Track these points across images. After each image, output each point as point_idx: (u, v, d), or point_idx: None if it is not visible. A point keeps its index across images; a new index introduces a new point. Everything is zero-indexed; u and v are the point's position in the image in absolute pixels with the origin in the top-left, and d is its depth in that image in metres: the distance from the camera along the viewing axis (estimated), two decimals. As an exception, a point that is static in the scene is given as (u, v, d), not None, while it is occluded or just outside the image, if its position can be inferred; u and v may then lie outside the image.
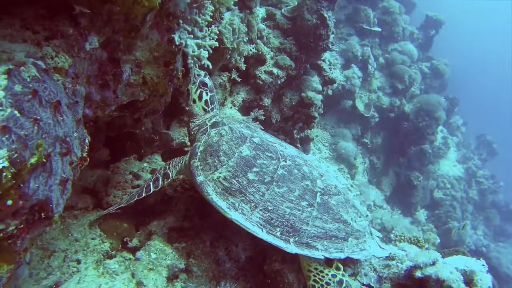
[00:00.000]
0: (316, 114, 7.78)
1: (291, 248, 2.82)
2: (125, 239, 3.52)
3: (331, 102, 10.36)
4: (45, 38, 1.74)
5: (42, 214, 1.50)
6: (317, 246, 2.88)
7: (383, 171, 12.20)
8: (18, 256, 1.47)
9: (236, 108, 6.04)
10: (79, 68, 1.89)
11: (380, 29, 11.92)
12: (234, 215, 2.88)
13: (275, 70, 6.42)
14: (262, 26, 6.54)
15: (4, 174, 1.26)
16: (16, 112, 1.33)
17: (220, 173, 3.03)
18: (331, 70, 7.91)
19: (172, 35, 2.39)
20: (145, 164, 4.50)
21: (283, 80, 6.61)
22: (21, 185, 1.37)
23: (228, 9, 3.81)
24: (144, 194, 3.34)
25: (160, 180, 3.36)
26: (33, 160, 1.35)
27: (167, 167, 3.43)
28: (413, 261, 3.50)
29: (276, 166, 3.12)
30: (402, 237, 4.50)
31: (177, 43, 2.40)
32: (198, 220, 3.96)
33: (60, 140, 1.53)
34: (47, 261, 3.00)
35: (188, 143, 5.16)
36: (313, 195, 3.09)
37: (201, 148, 3.22)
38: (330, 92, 9.10)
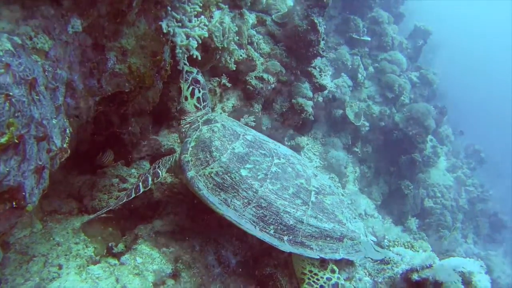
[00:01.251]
0: (306, 121, 7.73)
1: (285, 246, 2.72)
2: (110, 244, 3.37)
3: (322, 111, 10.32)
4: (23, 17, 1.63)
5: (14, 203, 1.37)
6: (311, 246, 2.79)
7: (374, 180, 12.15)
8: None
9: (226, 114, 5.95)
10: (61, 51, 1.78)
11: (369, 39, 12.00)
12: (226, 211, 2.80)
13: (265, 76, 6.35)
14: (252, 31, 6.51)
15: (-31, 151, 1.13)
16: (-15, 85, 1.21)
17: (212, 168, 2.92)
18: (321, 76, 7.88)
19: (160, 23, 2.30)
20: (132, 170, 4.36)
21: (273, 86, 6.55)
22: (-10, 168, 1.24)
23: (218, 8, 3.75)
24: (133, 195, 3.22)
25: (150, 179, 3.23)
26: (3, 140, 1.23)
27: (157, 166, 3.32)
28: (409, 264, 3.41)
29: (269, 164, 3.03)
30: (396, 242, 4.40)
31: (164, 31, 2.31)
32: (187, 224, 3.83)
33: (35, 123, 1.41)
34: (25, 266, 2.83)
35: (178, 150, 5.04)
36: (307, 194, 3.00)
37: (192, 144, 3.12)
38: (320, 99, 9.07)
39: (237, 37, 5.62)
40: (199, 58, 2.75)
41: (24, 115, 1.32)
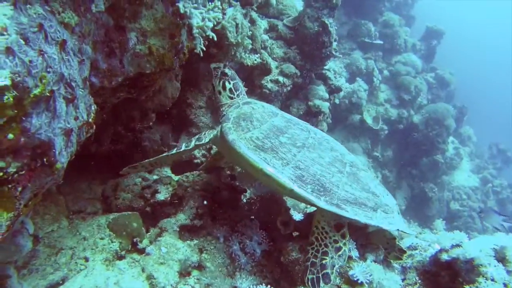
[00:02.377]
0: (324, 124, 7.72)
1: (321, 203, 2.78)
2: (135, 239, 3.39)
3: (339, 117, 10.30)
4: (51, -4, 1.71)
5: (45, 159, 1.42)
6: (347, 209, 2.82)
7: (396, 184, 11.94)
8: (18, 203, 1.37)
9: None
10: (86, 28, 1.86)
11: (381, 42, 12.02)
12: (266, 166, 2.85)
13: (280, 79, 6.41)
14: (265, 37, 6.60)
15: (6, 97, 1.18)
16: (21, 40, 1.27)
17: (252, 133, 3.04)
18: (336, 78, 7.90)
19: (177, 4, 2.37)
20: (154, 177, 4.40)
21: (289, 88, 6.59)
22: (23, 119, 1.29)
23: (230, 5, 3.84)
24: (174, 151, 3.43)
25: (193, 141, 3.40)
26: (36, 91, 1.28)
27: (203, 133, 3.49)
28: (437, 244, 3.31)
29: (306, 136, 3.16)
30: (423, 231, 4.29)
31: (181, 11, 2.38)
32: (210, 219, 3.83)
33: (65, 82, 1.47)
34: (54, 258, 2.89)
35: (198, 155, 5.10)
36: (342, 164, 3.10)
37: (234, 115, 3.26)
38: (337, 101, 9.07)
39: (251, 42, 5.73)
40: (215, 39, 2.82)
41: (55, 72, 1.38)
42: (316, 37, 6.77)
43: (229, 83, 3.61)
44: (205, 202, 3.74)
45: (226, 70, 3.61)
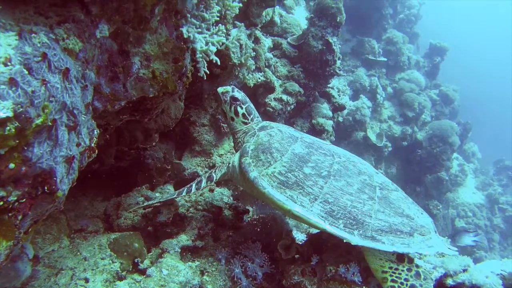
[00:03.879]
0: (328, 142, 7.70)
1: (356, 240, 2.65)
2: (136, 260, 3.37)
3: (343, 134, 10.29)
4: (57, 23, 1.74)
5: (46, 188, 1.41)
6: (382, 240, 2.69)
7: (401, 202, 11.83)
8: (18, 232, 1.36)
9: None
10: (89, 53, 1.88)
11: (385, 59, 12.07)
12: (294, 207, 2.74)
13: (284, 97, 6.44)
14: (269, 55, 6.66)
15: (8, 128, 1.19)
16: (24, 70, 1.29)
17: (274, 168, 2.93)
18: (340, 96, 7.92)
19: (181, 29, 2.40)
20: (157, 194, 4.40)
21: (292, 106, 6.61)
22: (25, 148, 1.30)
23: (235, 26, 3.88)
24: (184, 193, 3.38)
25: (204, 181, 3.34)
26: (38, 121, 1.29)
27: (212, 171, 3.40)
28: (442, 269, 3.25)
29: (331, 162, 3.01)
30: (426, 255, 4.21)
31: (185, 36, 2.40)
32: (212, 240, 3.81)
33: (67, 110, 1.48)
34: (54, 278, 2.86)
35: (201, 173, 5.09)
36: (372, 189, 2.93)
37: (251, 147, 3.14)
38: (340, 119, 9.07)
39: (254, 60, 5.78)
40: (218, 63, 2.84)
41: (57, 101, 1.39)
42: (320, 56, 6.83)
43: (241, 108, 3.47)
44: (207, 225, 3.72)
45: (236, 94, 3.46)
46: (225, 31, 2.77)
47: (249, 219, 4.06)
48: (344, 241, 2.68)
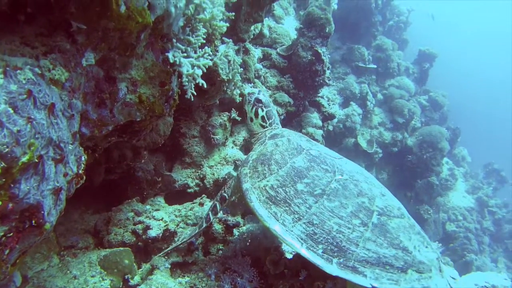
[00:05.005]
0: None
1: (331, 268, 2.45)
2: (126, 277, 3.40)
3: (333, 141, 10.37)
4: (43, 53, 1.78)
5: (33, 221, 1.45)
6: (365, 273, 2.44)
7: (392, 207, 11.93)
8: (5, 267, 1.39)
9: (238, 147, 6.04)
10: (76, 82, 1.91)
11: (375, 66, 12.21)
12: (273, 225, 2.64)
13: (274, 107, 6.49)
14: (259, 66, 6.72)
15: (-6, 168, 1.22)
16: (10, 109, 1.32)
17: (267, 181, 2.85)
18: (330, 105, 8.00)
19: (166, 54, 2.45)
20: (147, 207, 4.42)
21: (282, 117, 6.67)
22: (12, 185, 1.33)
23: (223, 42, 3.93)
24: (205, 225, 3.29)
25: (218, 205, 3.27)
26: (24, 159, 1.33)
27: (223, 190, 3.33)
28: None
29: (330, 179, 2.82)
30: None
31: (171, 61, 2.45)
32: (202, 255, 3.84)
33: (53, 145, 1.51)
34: (43, 299, 2.86)
35: (191, 185, 5.13)
36: (368, 214, 2.67)
37: (254, 157, 3.11)
38: (330, 127, 9.16)
39: (243, 72, 5.83)
40: (205, 86, 2.88)
41: (43, 137, 1.43)
42: (309, 66, 6.91)
43: (262, 110, 3.50)
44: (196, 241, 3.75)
45: (261, 97, 3.51)
46: (211, 53, 2.81)
47: (239, 233, 4.10)
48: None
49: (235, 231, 4.11)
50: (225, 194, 3.27)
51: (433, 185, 11.90)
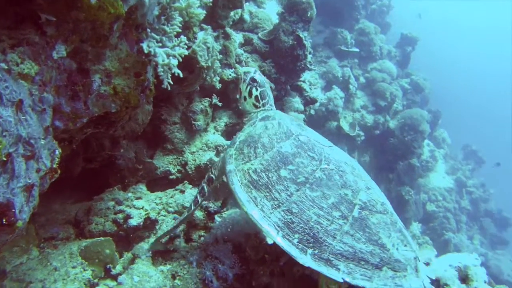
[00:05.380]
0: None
1: (305, 259, 2.41)
2: (108, 266, 3.40)
3: (316, 124, 10.42)
4: (10, 46, 1.73)
5: (3, 220, 1.44)
6: (339, 266, 2.40)
7: (374, 188, 12.19)
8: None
9: (219, 133, 6.04)
10: (47, 76, 1.87)
11: (358, 50, 12.23)
12: (251, 210, 2.58)
13: (255, 92, 6.47)
14: (240, 51, 6.65)
15: (-42, 171, 1.20)
16: (-27, 108, 1.30)
17: (252, 164, 2.77)
18: (311, 90, 8.02)
19: (141, 44, 2.41)
20: (129, 194, 4.41)
21: (264, 101, 6.65)
22: (-21, 186, 1.31)
23: (201, 29, 3.88)
24: (194, 207, 3.24)
25: (206, 187, 3.20)
26: (-9, 158, 1.31)
27: (210, 172, 3.26)
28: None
29: (315, 168, 2.74)
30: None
31: (145, 51, 2.41)
32: (183, 242, 3.87)
33: (23, 141, 1.49)
34: (22, 293, 2.86)
35: (173, 171, 5.12)
36: (350, 207, 2.61)
37: (241, 138, 3.04)
38: (312, 112, 9.19)
39: (224, 57, 5.78)
40: (181, 75, 2.85)
41: (11, 135, 1.40)
42: (291, 51, 6.87)
43: (257, 89, 3.42)
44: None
45: (256, 76, 3.43)
46: (187, 42, 2.77)
47: (220, 219, 4.14)
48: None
49: (217, 217, 4.14)
50: (212, 176, 3.22)
51: (414, 167, 12.14)
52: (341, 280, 2.37)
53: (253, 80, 3.44)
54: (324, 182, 2.68)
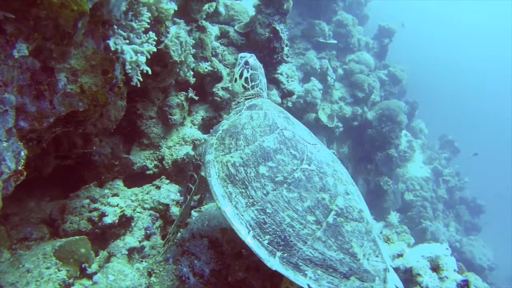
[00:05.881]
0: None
1: (272, 262, 2.36)
2: (83, 265, 3.36)
3: (294, 116, 10.39)
4: (-36, 47, 1.67)
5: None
6: (306, 272, 2.36)
7: (353, 180, 12.33)
8: None
9: (196, 127, 6.00)
10: (8, 75, 1.82)
11: (336, 42, 12.31)
12: (225, 206, 2.52)
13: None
14: (216, 44, 6.61)
15: None
16: None
17: (231, 157, 2.69)
18: (289, 82, 8.03)
19: (107, 41, 2.36)
20: (106, 191, 4.35)
21: (241, 95, 6.64)
22: None
23: (174, 23, 3.83)
24: (189, 197, 3.17)
25: (195, 174, 3.11)
26: None
27: (194, 158, 3.17)
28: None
29: (295, 167, 2.65)
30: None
31: (112, 48, 2.37)
32: (160, 239, 3.86)
33: (-20, 146, 1.45)
34: (-8, 297, 2.80)
35: (150, 166, 5.08)
36: (325, 212, 2.53)
37: (224, 127, 2.95)
38: (290, 104, 9.21)
39: (200, 50, 5.73)
40: (150, 72, 2.81)
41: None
42: (267, 43, 6.87)
43: (248, 71, 3.38)
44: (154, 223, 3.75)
45: (250, 60, 3.42)
46: (156, 38, 2.73)
47: (197, 214, 4.14)
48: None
49: (194, 213, 4.15)
50: (199, 162, 3.11)
51: (392, 158, 12.36)
52: (306, 287, 2.34)
53: (246, 63, 3.42)
54: (303, 184, 2.60)
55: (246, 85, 3.40)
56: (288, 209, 2.49)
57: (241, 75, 3.41)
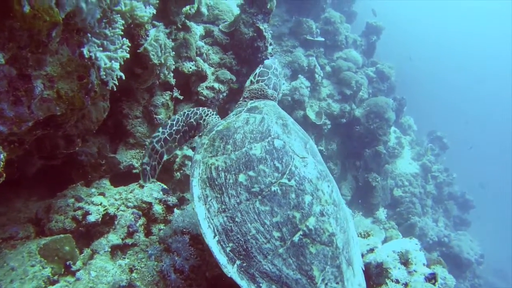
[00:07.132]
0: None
1: (229, 269, 2.39)
2: (68, 263, 3.46)
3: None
4: None
5: None
6: (261, 285, 2.37)
7: (342, 176, 12.52)
8: None
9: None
10: (-16, 84, 1.92)
11: (323, 39, 12.40)
12: (198, 207, 2.58)
13: (216, 85, 6.56)
14: (200, 43, 6.70)
15: None
16: None
17: (217, 160, 2.72)
18: (275, 80, 8.13)
19: (81, 49, 2.47)
20: (93, 190, 4.46)
21: (225, 94, 6.76)
22: None
23: (153, 26, 3.93)
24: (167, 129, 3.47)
25: (193, 121, 3.47)
26: None
27: (199, 115, 3.52)
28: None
29: (274, 180, 2.62)
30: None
31: (86, 56, 2.48)
32: (143, 236, 3.97)
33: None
34: (-25, 296, 2.89)
35: (136, 165, 5.18)
36: (293, 231, 2.51)
37: (219, 128, 2.98)
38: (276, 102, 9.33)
39: (185, 50, 5.83)
40: (123, 78, 2.92)
41: None
42: (251, 42, 6.97)
43: (259, 68, 3.66)
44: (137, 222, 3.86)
45: (267, 60, 3.70)
46: (129, 44, 2.84)
47: (179, 211, 4.26)
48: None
49: (176, 210, 4.26)
50: (192, 120, 3.49)
51: (381, 154, 12.51)
52: None
53: (262, 63, 3.71)
54: (277, 198, 2.58)
55: (253, 79, 3.62)
56: (256, 221, 2.50)
57: (254, 72, 3.68)
